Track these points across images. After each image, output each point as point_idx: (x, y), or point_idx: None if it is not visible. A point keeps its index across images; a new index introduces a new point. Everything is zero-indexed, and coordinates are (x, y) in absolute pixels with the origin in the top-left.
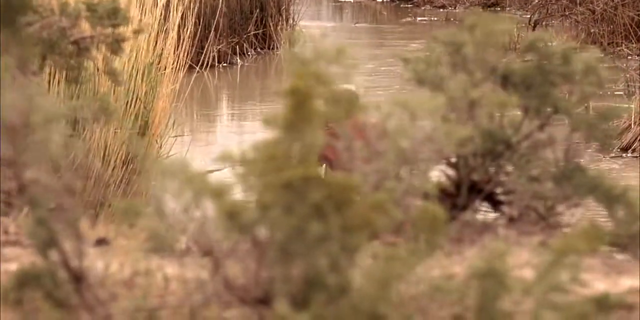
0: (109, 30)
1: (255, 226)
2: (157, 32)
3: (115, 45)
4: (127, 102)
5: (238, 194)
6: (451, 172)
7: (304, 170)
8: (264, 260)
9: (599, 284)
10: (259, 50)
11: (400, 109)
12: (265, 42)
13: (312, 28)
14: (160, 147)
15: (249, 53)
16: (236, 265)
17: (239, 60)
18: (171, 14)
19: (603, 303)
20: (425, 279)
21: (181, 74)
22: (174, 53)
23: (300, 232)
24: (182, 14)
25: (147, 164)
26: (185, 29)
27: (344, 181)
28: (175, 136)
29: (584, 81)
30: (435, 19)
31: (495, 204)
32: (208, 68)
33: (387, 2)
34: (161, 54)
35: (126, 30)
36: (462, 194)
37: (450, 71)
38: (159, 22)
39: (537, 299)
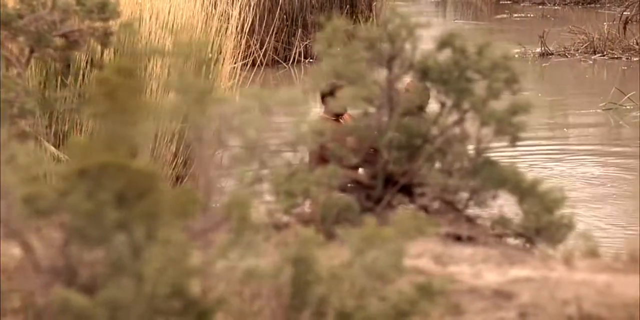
0: (99, 23)
1: (53, 212)
2: (217, 29)
3: (105, 39)
4: None
5: None
6: (367, 164)
7: (106, 158)
8: (66, 245)
9: (488, 274)
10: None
11: (253, 101)
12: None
13: None
14: None
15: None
16: (45, 249)
17: None
18: (231, 10)
19: (427, 290)
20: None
21: (239, 69)
22: (235, 49)
23: (97, 219)
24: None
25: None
26: (243, 26)
27: (145, 169)
28: None
29: (492, 77)
30: (532, 15)
31: (412, 196)
32: (295, 63)
33: None
34: (219, 50)
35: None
36: (378, 185)
37: (368, 66)
38: (217, 19)
39: (357, 286)
